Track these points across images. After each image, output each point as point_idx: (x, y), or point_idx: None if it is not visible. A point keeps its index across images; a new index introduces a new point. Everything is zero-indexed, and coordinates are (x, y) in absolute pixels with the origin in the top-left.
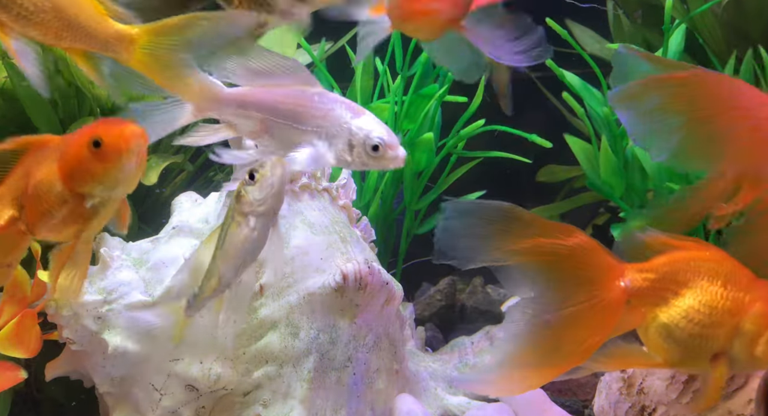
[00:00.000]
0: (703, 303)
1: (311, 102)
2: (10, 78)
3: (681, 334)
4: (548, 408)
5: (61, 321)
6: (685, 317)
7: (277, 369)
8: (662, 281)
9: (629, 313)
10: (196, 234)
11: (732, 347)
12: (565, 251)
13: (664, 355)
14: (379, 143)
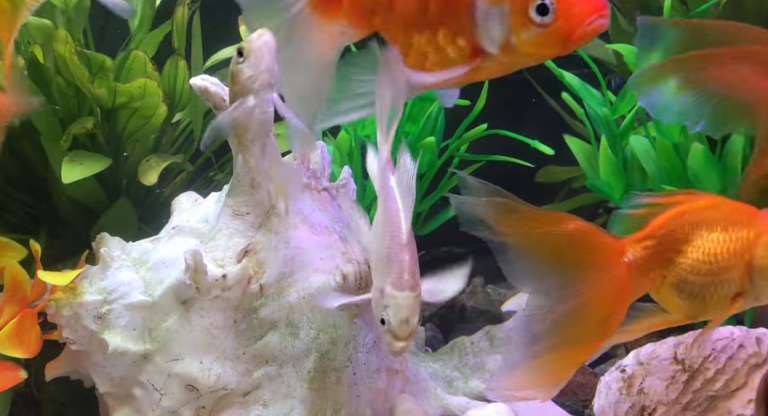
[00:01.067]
0: (707, 253)
1: (397, 238)
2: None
3: (694, 288)
4: (548, 408)
5: (61, 321)
6: (693, 271)
7: (277, 369)
8: (663, 244)
9: (638, 281)
10: (196, 234)
11: (751, 284)
12: (564, 239)
13: (683, 311)
14: (389, 324)
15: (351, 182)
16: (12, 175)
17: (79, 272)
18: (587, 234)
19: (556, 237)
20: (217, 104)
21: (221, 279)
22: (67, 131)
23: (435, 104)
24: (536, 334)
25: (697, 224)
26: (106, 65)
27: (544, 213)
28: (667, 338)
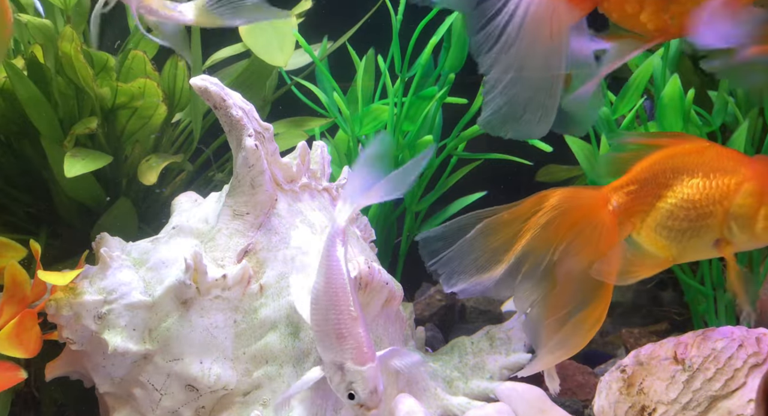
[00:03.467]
0: (686, 199)
1: (353, 316)
2: (9, 78)
3: (672, 233)
4: (548, 408)
5: (61, 321)
6: (671, 216)
7: (277, 369)
8: (644, 189)
9: (623, 225)
10: (196, 234)
11: (730, 231)
12: (552, 211)
13: (664, 253)
14: (356, 395)
15: None
16: (12, 175)
17: (79, 272)
18: (569, 197)
19: (545, 217)
20: (217, 103)
21: (221, 279)
22: (70, 131)
23: (432, 103)
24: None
25: (679, 169)
26: (110, 65)
27: (522, 210)
28: (667, 338)
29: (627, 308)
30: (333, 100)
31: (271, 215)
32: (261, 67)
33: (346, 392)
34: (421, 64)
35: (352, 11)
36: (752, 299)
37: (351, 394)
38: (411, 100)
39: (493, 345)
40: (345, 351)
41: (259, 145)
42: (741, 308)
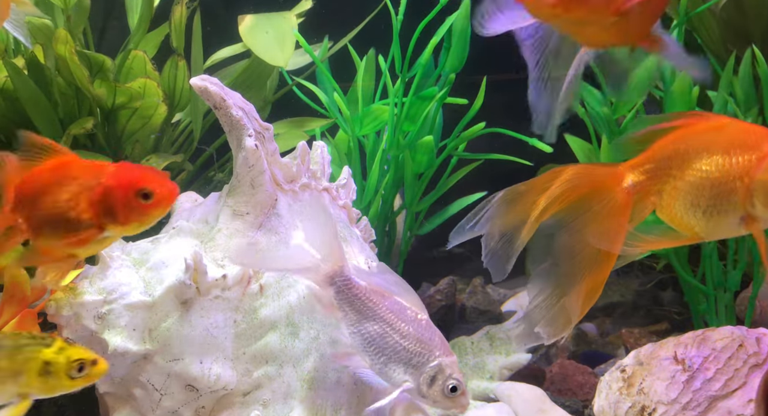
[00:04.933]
0: (706, 176)
1: (418, 325)
2: (10, 78)
3: (696, 211)
4: (548, 408)
5: (61, 321)
6: (692, 194)
7: (277, 369)
8: (662, 168)
9: (641, 204)
10: (196, 234)
11: (754, 207)
12: (565, 186)
13: (689, 231)
14: (458, 386)
15: (351, 182)
16: None
17: (79, 272)
18: (583, 173)
19: (559, 190)
20: (217, 103)
21: (221, 279)
22: (66, 131)
23: (433, 103)
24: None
25: (699, 147)
26: (106, 65)
27: (537, 183)
28: (667, 338)
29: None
30: (333, 101)
31: (271, 215)
32: (261, 67)
33: (449, 387)
34: (422, 65)
35: (353, 11)
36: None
37: (454, 387)
38: (411, 100)
39: (493, 345)
40: (433, 350)
41: (259, 145)
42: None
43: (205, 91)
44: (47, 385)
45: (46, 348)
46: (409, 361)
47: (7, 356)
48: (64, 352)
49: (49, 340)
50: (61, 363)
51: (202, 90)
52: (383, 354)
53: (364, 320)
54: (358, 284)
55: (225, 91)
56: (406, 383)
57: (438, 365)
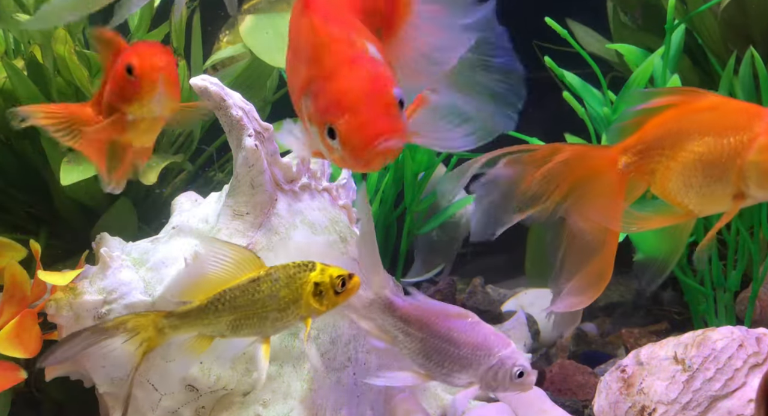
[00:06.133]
0: (698, 157)
1: (468, 330)
2: (9, 78)
3: (689, 191)
4: (548, 408)
5: (61, 320)
6: (684, 174)
7: (277, 369)
8: (655, 148)
9: (635, 184)
10: (196, 234)
11: (747, 187)
12: (562, 165)
13: (684, 209)
14: (524, 370)
15: (351, 181)
16: (12, 175)
17: (79, 272)
18: (579, 156)
19: (555, 170)
20: (218, 103)
21: None
22: None
23: None
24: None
25: (691, 127)
26: None
27: (537, 156)
28: (667, 338)
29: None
30: None
31: (271, 215)
32: (261, 67)
33: (516, 374)
34: None
35: None
36: None
37: (521, 372)
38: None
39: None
40: (490, 349)
41: (259, 145)
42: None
43: (205, 91)
44: (321, 303)
45: (312, 272)
46: (470, 366)
47: (286, 285)
48: (326, 272)
49: (311, 265)
50: (327, 282)
51: (202, 90)
52: (443, 366)
53: (417, 340)
54: (403, 306)
55: (225, 92)
56: (473, 385)
57: (498, 361)
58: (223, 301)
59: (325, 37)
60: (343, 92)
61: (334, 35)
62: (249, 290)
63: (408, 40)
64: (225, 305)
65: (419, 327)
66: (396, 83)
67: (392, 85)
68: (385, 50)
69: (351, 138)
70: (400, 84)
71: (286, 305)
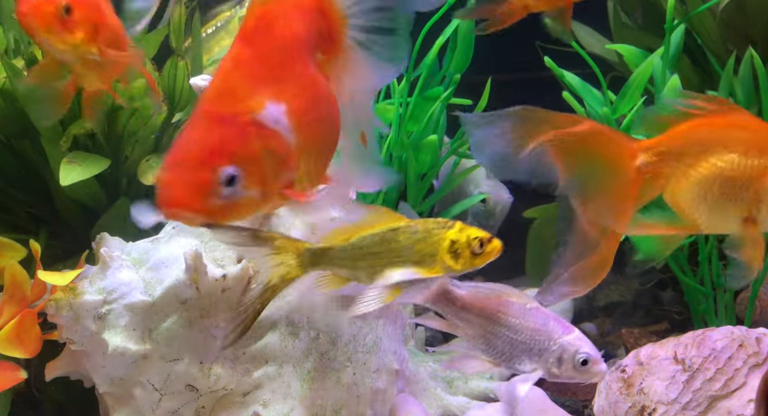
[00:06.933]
0: (718, 172)
1: (528, 316)
2: (9, 78)
3: (702, 204)
4: (548, 408)
5: (61, 321)
6: (702, 187)
7: (277, 369)
8: (675, 155)
9: (649, 185)
10: (196, 234)
11: (759, 212)
12: (578, 137)
13: (691, 221)
14: (588, 358)
15: None
16: (12, 175)
17: (79, 272)
18: (600, 134)
19: (572, 137)
20: None
21: (221, 279)
22: (66, 131)
23: (437, 104)
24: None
25: (717, 140)
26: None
27: (557, 118)
28: (667, 338)
29: (627, 308)
30: None
31: (271, 215)
32: None
33: (580, 362)
34: (427, 65)
35: None
36: None
37: (584, 360)
38: (416, 100)
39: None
40: (551, 335)
41: None
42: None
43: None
44: (456, 262)
45: (450, 230)
46: (531, 351)
47: (423, 239)
48: (464, 232)
49: (450, 223)
50: (463, 241)
51: (202, 90)
52: (503, 352)
53: (477, 327)
54: (461, 296)
55: None
56: (536, 371)
57: (560, 346)
58: (361, 245)
59: (210, 86)
60: (172, 148)
61: (214, 83)
62: (387, 238)
63: (346, 63)
64: (363, 249)
65: (478, 314)
66: (234, 158)
67: (218, 160)
68: (330, 73)
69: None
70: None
71: (422, 257)
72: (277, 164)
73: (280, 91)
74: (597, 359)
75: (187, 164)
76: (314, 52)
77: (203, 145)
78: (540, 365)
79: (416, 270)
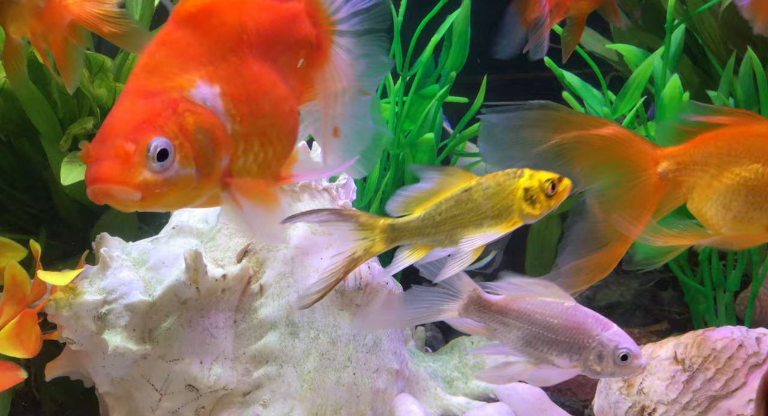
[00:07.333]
0: (743, 182)
1: (566, 315)
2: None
3: (727, 214)
4: (548, 408)
5: (61, 321)
6: (724, 197)
7: (277, 369)
8: (698, 164)
9: (671, 193)
10: (196, 234)
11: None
12: (600, 140)
13: (715, 230)
14: (628, 352)
15: (351, 182)
16: (12, 175)
17: (79, 272)
18: (624, 139)
19: (594, 138)
20: None
21: (221, 279)
22: (66, 131)
23: (433, 102)
24: (582, 236)
25: (741, 150)
26: (106, 65)
27: (578, 119)
28: (667, 338)
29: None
30: None
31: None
32: None
33: (620, 357)
34: (422, 63)
35: None
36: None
37: (624, 355)
38: (412, 98)
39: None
40: (589, 332)
41: None
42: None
43: None
44: (534, 208)
45: (520, 179)
46: (571, 350)
47: (496, 193)
48: (535, 177)
49: (519, 172)
50: (536, 187)
51: None
52: (543, 352)
53: (515, 330)
54: (495, 301)
55: None
56: (575, 368)
57: (599, 343)
58: (439, 211)
59: (137, 64)
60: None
61: (141, 61)
62: (462, 199)
63: (333, 71)
64: (442, 215)
65: (516, 316)
66: (163, 131)
67: (146, 131)
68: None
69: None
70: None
71: (499, 211)
72: (212, 144)
73: (215, 74)
74: (637, 353)
75: (112, 137)
76: (283, 56)
77: (129, 118)
78: (580, 363)
79: (496, 228)
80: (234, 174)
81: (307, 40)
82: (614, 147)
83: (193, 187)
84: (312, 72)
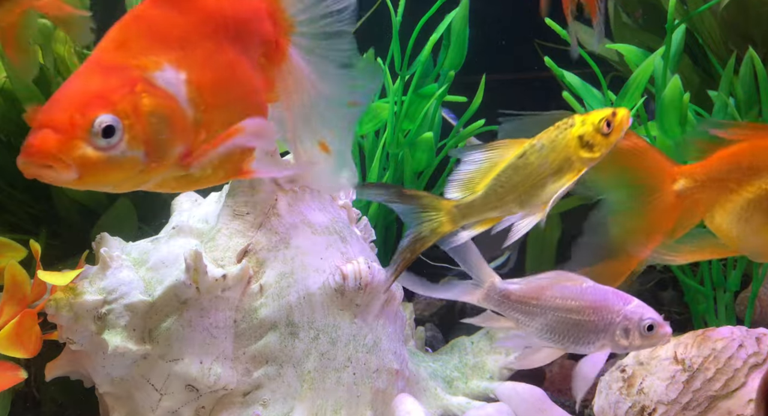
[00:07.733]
0: (763, 196)
1: (586, 295)
2: (9, 78)
3: (746, 229)
4: (548, 408)
5: (61, 321)
6: (744, 212)
7: (277, 369)
8: (716, 180)
9: (690, 210)
10: (196, 234)
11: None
12: (617, 151)
13: (736, 246)
14: (654, 322)
15: None
16: (12, 175)
17: (79, 272)
18: (642, 152)
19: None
20: None
21: (221, 279)
22: None
23: (432, 101)
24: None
25: (761, 164)
26: None
27: None
28: None
29: None
30: None
31: (271, 215)
32: None
33: (646, 328)
34: (421, 63)
35: None
36: None
37: (650, 326)
38: (410, 98)
39: (492, 344)
40: (612, 308)
41: None
42: None
43: None
44: (593, 151)
45: (572, 129)
46: (596, 329)
47: (552, 150)
48: (587, 122)
49: (570, 121)
50: (591, 131)
51: None
52: (569, 335)
53: (537, 317)
54: (514, 290)
55: None
56: (604, 347)
57: (624, 317)
58: (500, 184)
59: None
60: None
61: (109, 35)
62: (519, 165)
63: (290, 72)
64: (504, 187)
65: (537, 304)
66: (114, 108)
67: (94, 105)
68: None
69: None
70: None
71: (559, 166)
72: (167, 129)
73: (184, 59)
74: (661, 322)
75: (59, 106)
76: (249, 50)
77: (82, 89)
78: (607, 339)
79: (561, 182)
80: (194, 163)
81: (266, 38)
82: (632, 160)
83: (140, 170)
84: (271, 71)
